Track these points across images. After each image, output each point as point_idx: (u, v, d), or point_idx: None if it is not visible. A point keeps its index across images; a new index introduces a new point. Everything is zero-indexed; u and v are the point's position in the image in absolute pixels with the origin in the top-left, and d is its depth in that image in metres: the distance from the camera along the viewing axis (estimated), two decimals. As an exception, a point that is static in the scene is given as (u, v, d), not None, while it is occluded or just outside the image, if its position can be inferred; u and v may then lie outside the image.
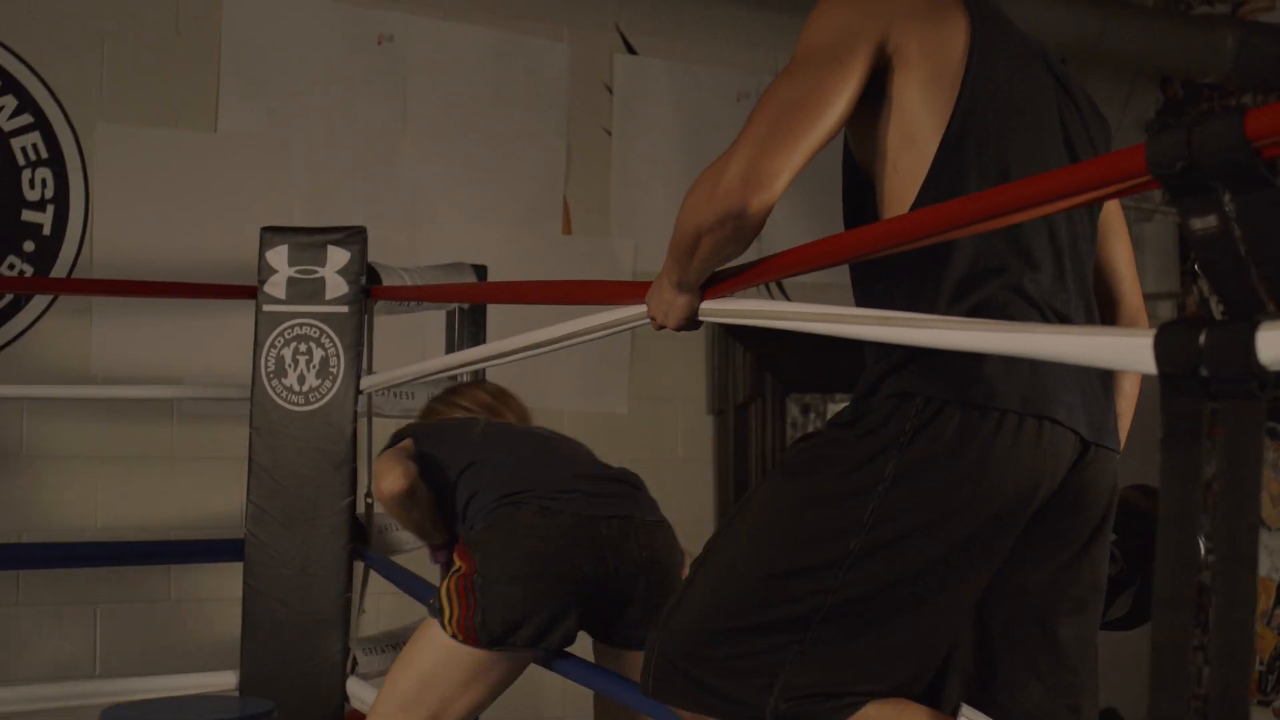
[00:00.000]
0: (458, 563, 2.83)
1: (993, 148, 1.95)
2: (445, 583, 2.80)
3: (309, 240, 3.65)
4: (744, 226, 1.85)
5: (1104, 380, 2.05)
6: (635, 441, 5.43)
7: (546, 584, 2.73)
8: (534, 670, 2.92)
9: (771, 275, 2.08)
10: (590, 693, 3.11)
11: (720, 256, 1.97)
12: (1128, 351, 1.43)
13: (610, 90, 5.47)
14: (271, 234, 3.70)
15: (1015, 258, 1.94)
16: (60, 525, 4.45)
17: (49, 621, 4.47)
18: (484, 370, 4.15)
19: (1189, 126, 1.28)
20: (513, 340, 2.99)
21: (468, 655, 2.74)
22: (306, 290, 3.64)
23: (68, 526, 4.46)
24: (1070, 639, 2.06)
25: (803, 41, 1.93)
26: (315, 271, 3.64)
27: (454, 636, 2.73)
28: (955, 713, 1.92)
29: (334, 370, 3.61)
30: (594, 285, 2.83)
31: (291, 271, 3.66)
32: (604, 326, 2.55)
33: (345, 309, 3.63)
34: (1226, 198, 1.28)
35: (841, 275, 2.14)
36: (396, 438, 3.23)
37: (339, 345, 3.62)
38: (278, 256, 3.67)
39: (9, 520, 4.40)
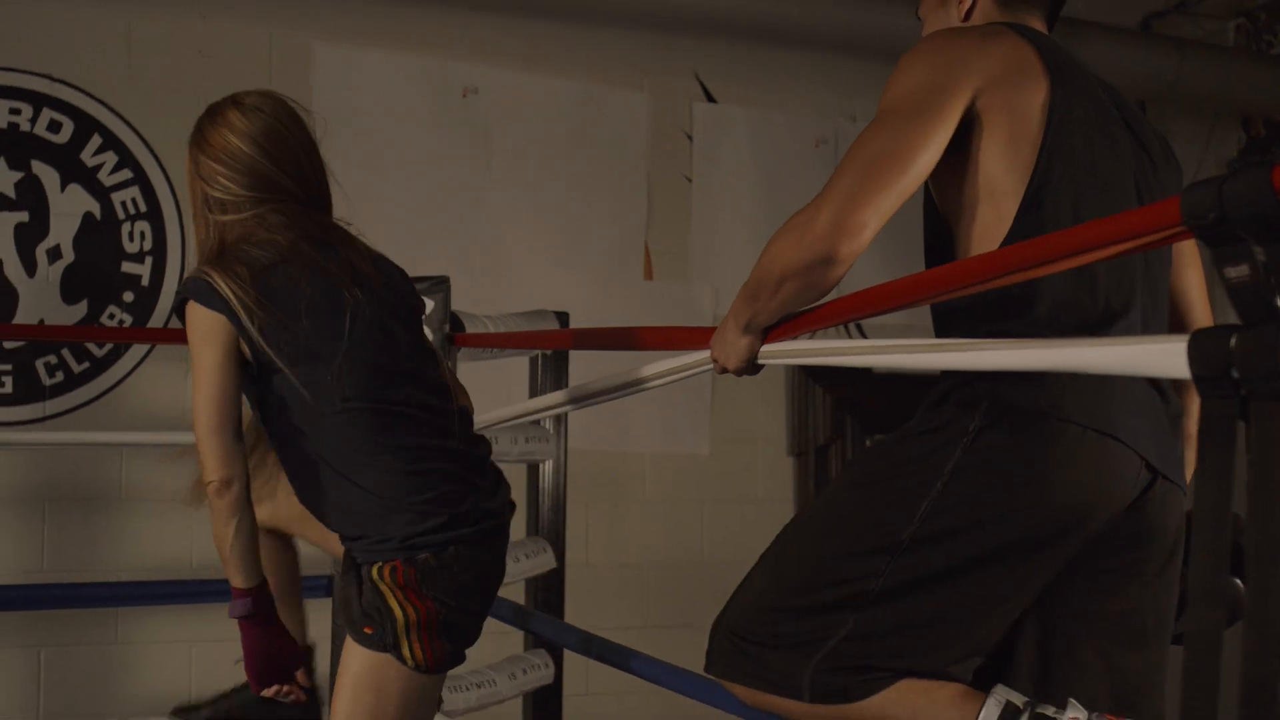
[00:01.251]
0: (401, 609, 2.38)
1: (1068, 206, 2.03)
2: (395, 628, 2.38)
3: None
4: (830, 273, 1.93)
5: (1173, 420, 2.10)
6: (716, 482, 5.49)
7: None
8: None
9: (840, 318, 2.15)
10: None
11: (799, 301, 2.06)
12: (1163, 356, 1.50)
13: (690, 138, 5.57)
14: (356, 281, 3.82)
15: (1090, 301, 2.03)
16: (156, 565, 4.60)
17: (153, 656, 4.62)
18: (565, 414, 4.24)
19: (1221, 181, 1.35)
20: (591, 385, 3.08)
21: (433, 681, 2.52)
22: (390, 334, 3.75)
23: (164, 566, 4.61)
24: (1132, 670, 2.08)
25: (890, 94, 2.02)
26: (399, 317, 3.75)
27: (417, 669, 2.42)
28: (989, 691, 1.96)
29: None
30: (671, 331, 2.91)
31: (376, 317, 3.76)
32: (673, 371, 2.65)
33: (427, 352, 3.73)
34: (1258, 249, 1.34)
35: (922, 317, 2.22)
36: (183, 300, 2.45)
37: (421, 388, 3.72)
38: (362, 303, 3.78)
39: (109, 560, 4.56)
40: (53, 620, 4.55)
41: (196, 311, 2.40)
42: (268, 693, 2.50)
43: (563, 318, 4.33)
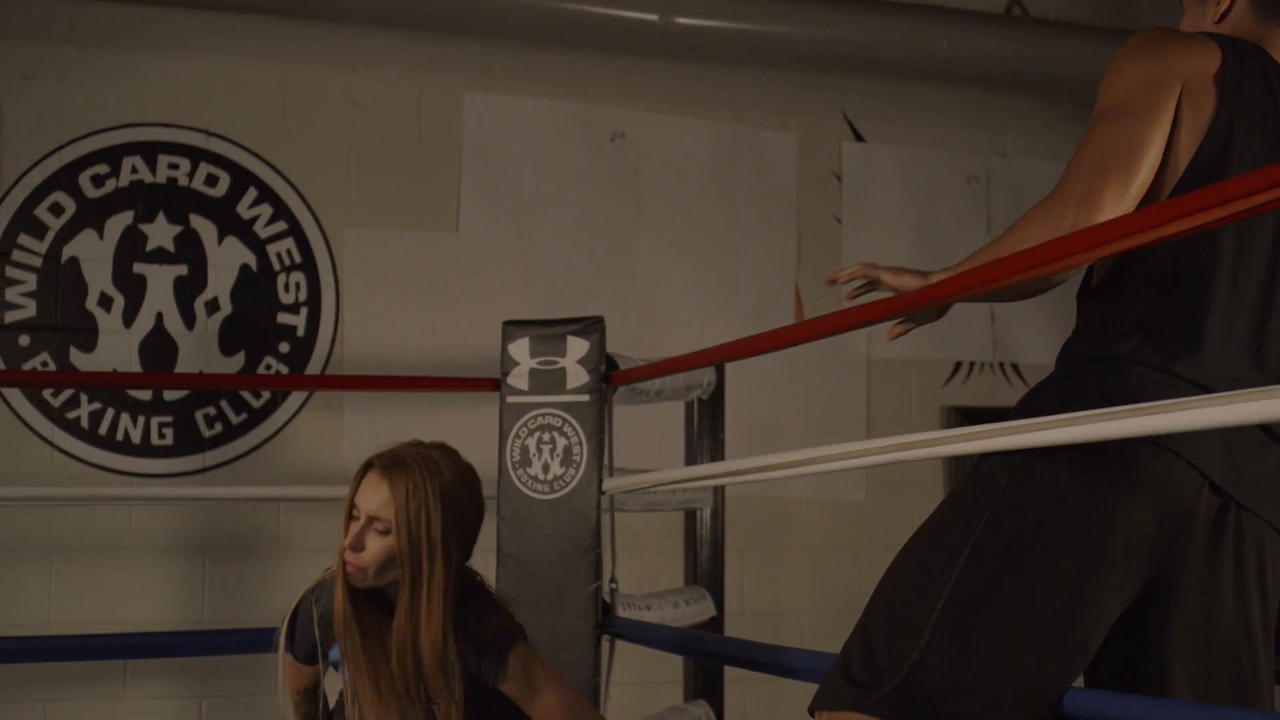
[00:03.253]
0: None
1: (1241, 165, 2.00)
2: None
3: (549, 332, 3.73)
4: (1063, 274, 1.96)
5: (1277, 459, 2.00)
6: (872, 528, 5.38)
7: None
8: None
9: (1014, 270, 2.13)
10: None
11: (1024, 292, 2.08)
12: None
13: (839, 178, 5.49)
14: (513, 327, 3.79)
15: (1188, 334, 1.98)
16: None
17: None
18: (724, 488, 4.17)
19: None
20: (751, 461, 3.07)
21: None
22: (548, 381, 3.72)
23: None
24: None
25: (1108, 94, 2.02)
26: (556, 362, 3.72)
27: None
28: None
29: (577, 458, 3.67)
30: (820, 321, 2.87)
31: (533, 363, 3.74)
32: (833, 458, 2.69)
33: (586, 398, 3.69)
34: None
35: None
36: None
37: (581, 434, 3.68)
38: (519, 349, 3.76)
39: (268, 610, 4.56)
40: (213, 672, 4.57)
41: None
42: None
43: (720, 370, 4.28)
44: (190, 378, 4.62)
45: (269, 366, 4.75)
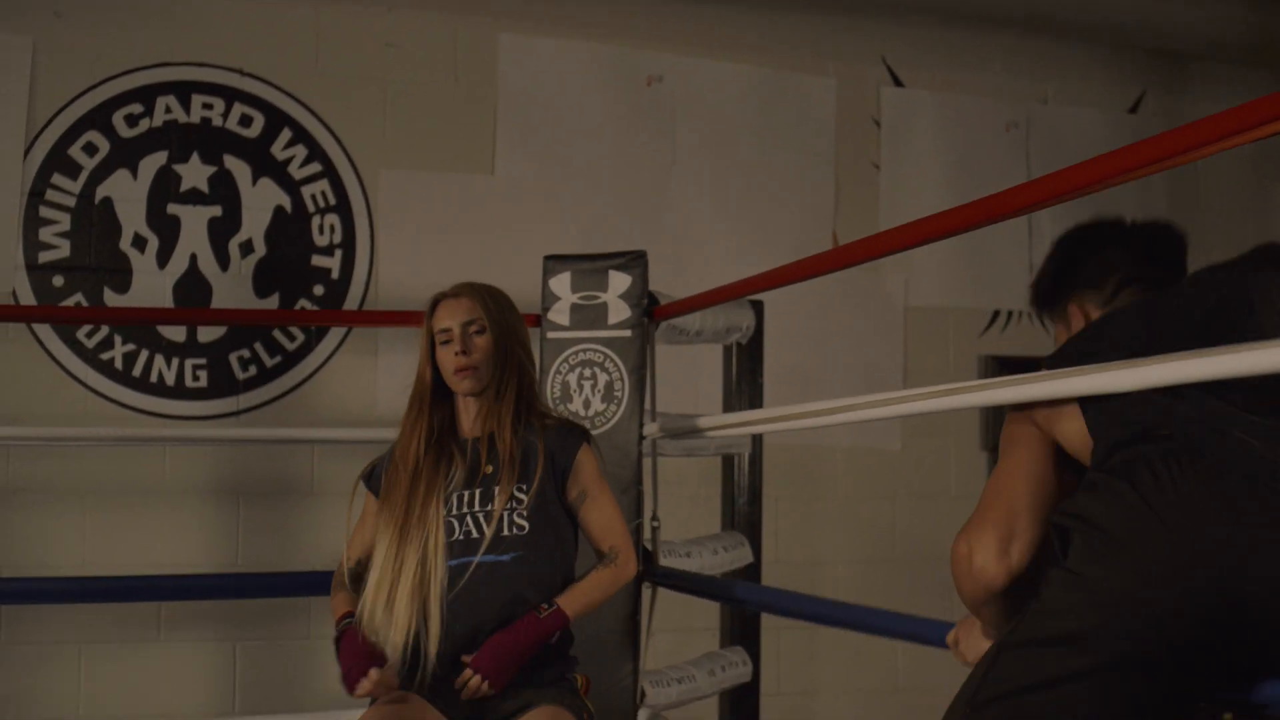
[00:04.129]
0: None
1: None
2: None
3: (591, 266, 3.69)
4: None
5: None
6: (908, 478, 5.33)
7: None
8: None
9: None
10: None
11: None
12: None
13: (878, 124, 5.42)
14: (554, 262, 3.75)
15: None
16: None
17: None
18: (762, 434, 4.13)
19: None
20: (792, 408, 3.06)
21: None
22: (590, 316, 3.67)
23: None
24: None
25: None
26: (598, 297, 3.67)
27: None
28: None
29: (618, 394, 3.62)
30: (852, 247, 2.89)
31: (574, 298, 3.69)
32: (869, 405, 2.74)
33: (628, 333, 3.64)
34: None
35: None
36: None
37: (623, 369, 3.64)
38: (560, 284, 3.71)
39: (302, 553, 4.54)
40: (247, 615, 4.55)
41: None
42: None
43: (757, 305, 4.22)
44: (229, 313, 4.58)
45: (303, 309, 4.71)
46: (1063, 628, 1.76)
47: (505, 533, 2.76)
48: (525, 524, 2.76)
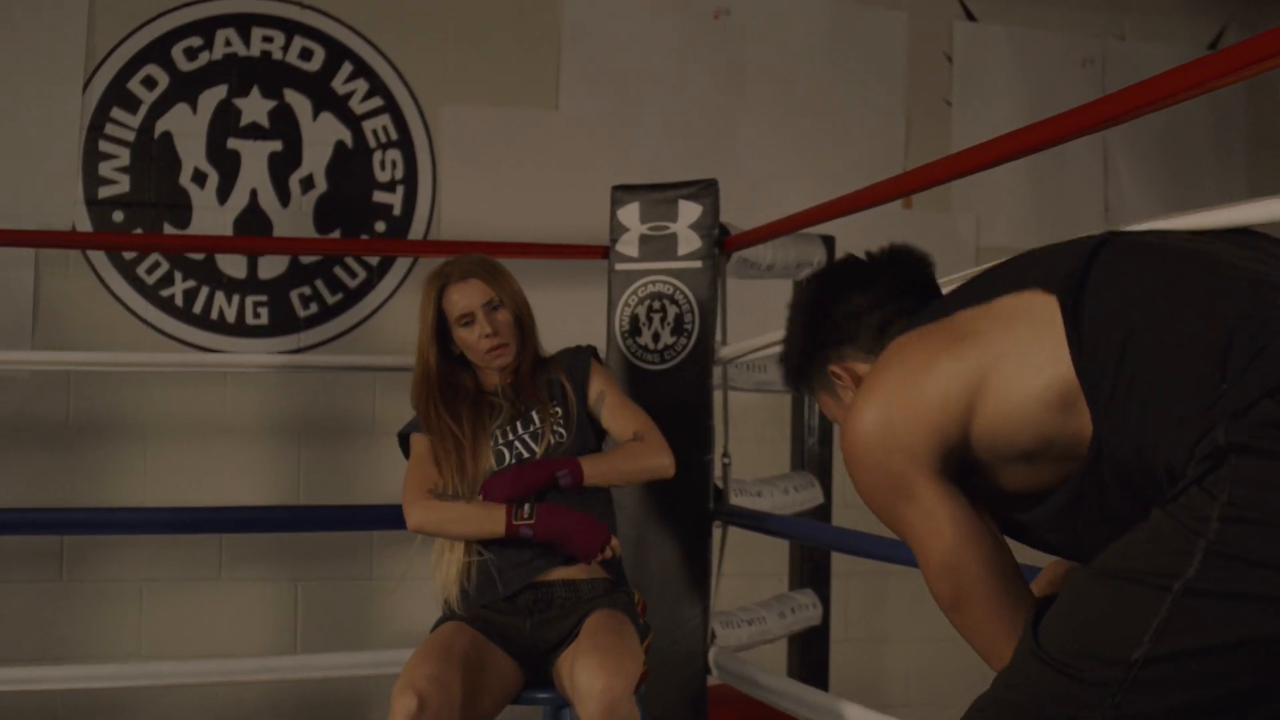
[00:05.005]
0: None
1: None
2: None
3: (660, 196, 3.59)
4: None
5: None
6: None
7: None
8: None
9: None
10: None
11: None
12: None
13: (950, 59, 5.28)
14: (622, 192, 3.65)
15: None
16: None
17: (407, 591, 4.55)
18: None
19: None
20: None
21: None
22: (659, 247, 3.58)
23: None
24: None
25: None
26: (667, 227, 3.58)
27: None
28: None
29: (688, 327, 3.53)
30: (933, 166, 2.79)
31: (643, 229, 3.60)
32: None
33: (699, 264, 3.54)
34: None
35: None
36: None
37: (693, 301, 3.54)
38: (629, 214, 3.61)
39: (363, 491, 4.49)
40: (308, 554, 4.51)
41: None
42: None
43: (829, 241, 4.11)
44: (286, 241, 4.51)
45: (364, 240, 4.64)
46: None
47: (552, 442, 2.96)
48: (564, 432, 2.97)
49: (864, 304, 1.92)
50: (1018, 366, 1.60)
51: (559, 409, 3.01)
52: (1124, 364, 1.52)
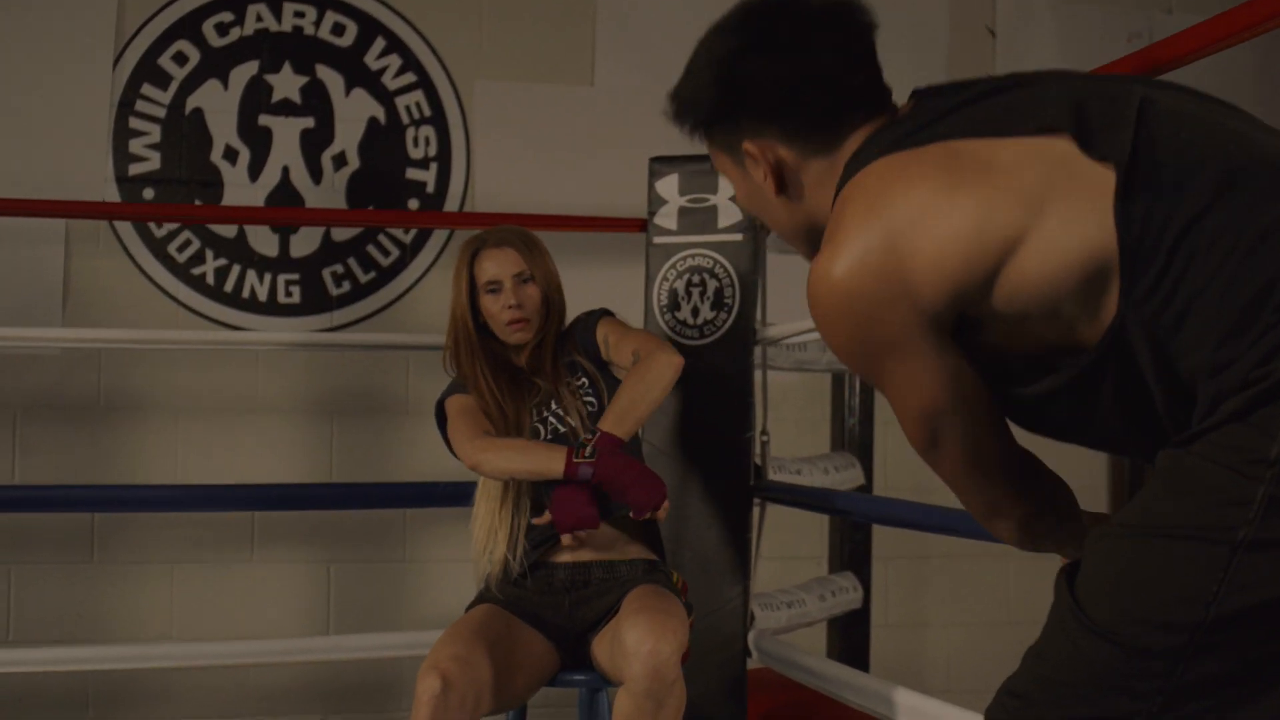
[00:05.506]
0: None
1: None
2: None
3: (700, 168, 3.50)
4: None
5: None
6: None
7: None
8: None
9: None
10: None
11: None
12: None
13: (992, 33, 5.17)
14: (661, 164, 3.57)
15: None
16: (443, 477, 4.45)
17: (440, 574, 4.49)
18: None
19: None
20: None
21: None
22: (699, 220, 3.50)
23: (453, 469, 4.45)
24: None
25: None
26: (707, 199, 3.49)
27: None
28: None
29: (729, 302, 3.45)
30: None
31: (682, 201, 3.52)
32: None
33: (739, 237, 3.46)
34: None
35: None
36: None
37: (734, 275, 3.46)
38: (667, 186, 3.54)
39: (396, 472, 4.43)
40: (341, 536, 4.45)
41: None
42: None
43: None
44: (316, 212, 4.45)
45: (400, 211, 4.57)
46: None
47: (585, 412, 2.91)
48: (594, 400, 2.92)
49: (800, 77, 1.59)
50: (1061, 225, 1.38)
51: (583, 379, 2.95)
52: (1174, 258, 1.34)
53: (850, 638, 4.11)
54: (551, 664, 2.81)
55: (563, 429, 2.89)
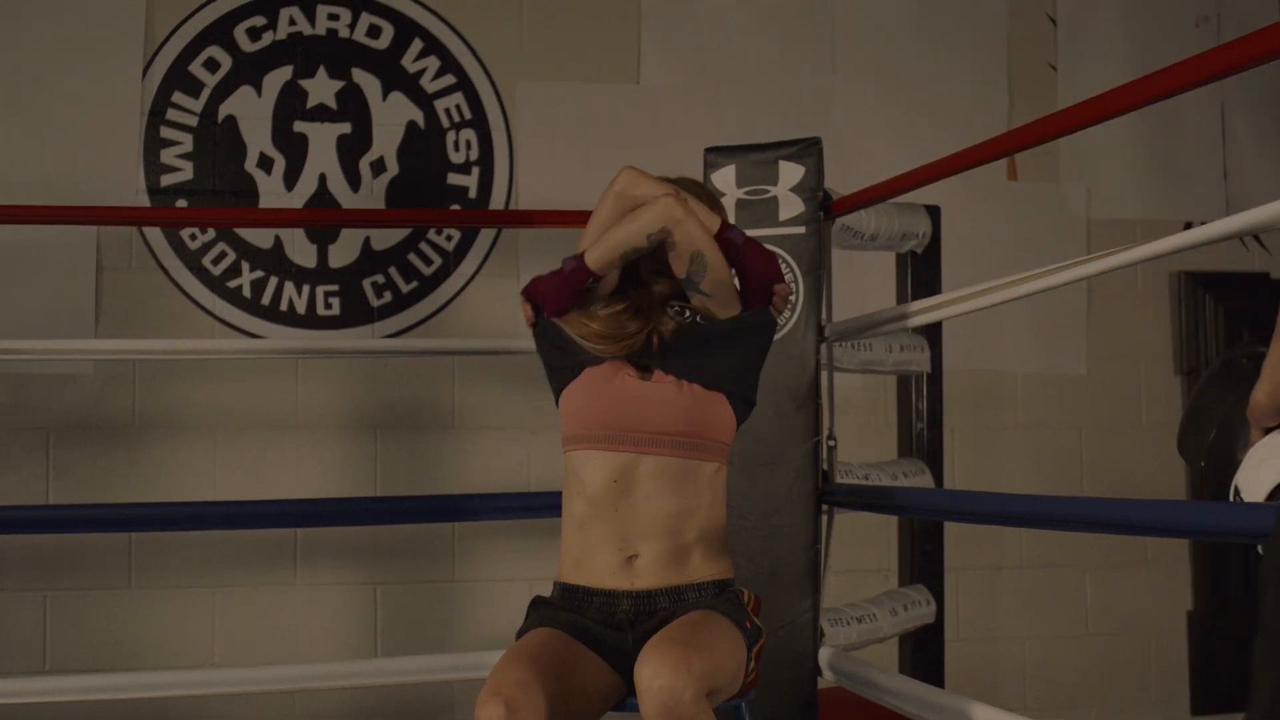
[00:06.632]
0: None
1: None
2: None
3: (759, 158, 3.31)
4: None
5: None
6: (1095, 406, 4.90)
7: None
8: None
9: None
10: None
11: None
12: None
13: (1054, 21, 4.97)
14: (717, 154, 3.38)
15: None
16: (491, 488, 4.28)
17: (489, 594, 4.31)
18: (941, 326, 3.76)
19: None
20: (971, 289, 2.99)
21: None
22: (759, 212, 3.30)
23: (501, 484, 4.29)
24: None
25: None
26: (767, 191, 3.30)
27: None
28: None
29: (792, 298, 3.25)
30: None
31: (741, 193, 3.32)
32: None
33: (802, 229, 3.26)
34: None
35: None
36: None
37: (797, 271, 3.26)
38: (724, 178, 3.34)
39: (442, 487, 4.26)
40: (387, 556, 4.28)
41: None
42: None
43: (934, 210, 3.83)
44: (352, 213, 4.30)
45: (439, 230, 4.40)
46: None
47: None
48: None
49: None
50: None
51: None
52: None
53: (924, 654, 3.89)
54: (615, 691, 2.60)
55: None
